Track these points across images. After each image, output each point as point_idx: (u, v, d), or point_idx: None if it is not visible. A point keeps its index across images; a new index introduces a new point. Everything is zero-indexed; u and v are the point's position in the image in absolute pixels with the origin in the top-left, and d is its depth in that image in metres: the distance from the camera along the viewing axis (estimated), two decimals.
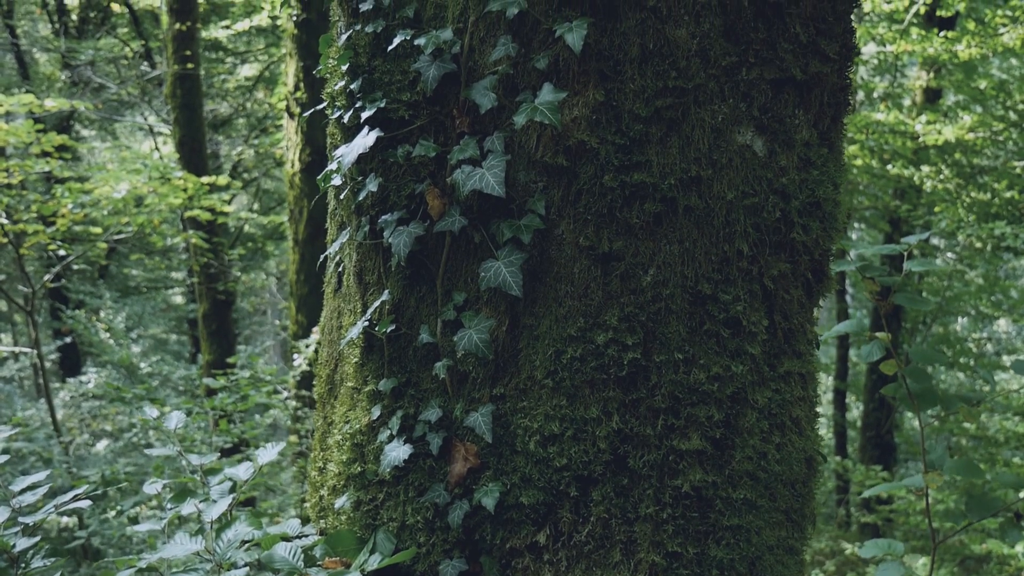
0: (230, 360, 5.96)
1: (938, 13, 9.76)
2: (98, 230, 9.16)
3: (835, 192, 1.79)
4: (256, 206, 14.37)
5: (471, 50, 1.62)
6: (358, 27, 1.70)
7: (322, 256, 1.92)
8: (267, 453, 2.22)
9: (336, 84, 1.76)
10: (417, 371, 1.76)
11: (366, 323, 1.75)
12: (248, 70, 14.26)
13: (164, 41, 10.41)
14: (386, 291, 1.74)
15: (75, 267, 12.13)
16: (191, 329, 13.16)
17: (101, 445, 10.01)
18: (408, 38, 1.62)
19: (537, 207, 1.61)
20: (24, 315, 9.55)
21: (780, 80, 1.67)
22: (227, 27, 11.99)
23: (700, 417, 1.67)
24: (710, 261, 1.66)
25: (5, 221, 8.13)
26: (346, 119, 1.71)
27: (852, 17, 1.73)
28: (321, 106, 1.88)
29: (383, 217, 1.71)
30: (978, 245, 10.96)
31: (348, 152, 1.64)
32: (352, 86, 1.69)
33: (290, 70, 8.18)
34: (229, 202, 9.72)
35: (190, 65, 9.75)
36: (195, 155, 10.17)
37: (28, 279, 8.90)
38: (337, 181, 1.74)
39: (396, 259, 1.69)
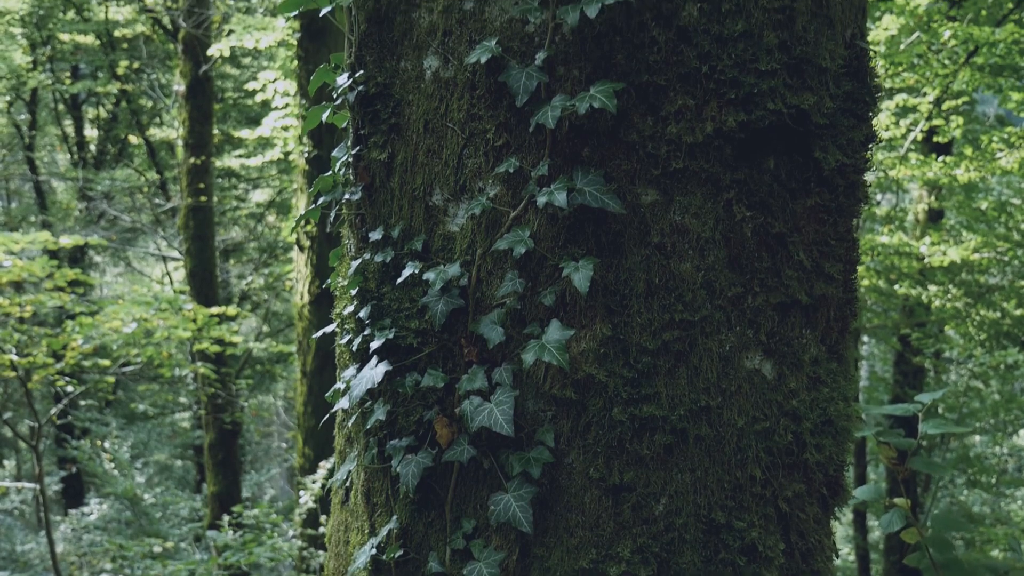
0: (235, 509, 5.86)
1: (935, 139, 9.97)
2: (107, 362, 9.18)
3: (847, 407, 1.78)
4: (265, 328, 14.44)
5: (479, 282, 1.64)
6: (367, 256, 1.73)
7: (329, 481, 1.89)
8: None
9: (345, 308, 1.78)
10: None
11: (374, 550, 1.72)
12: (260, 195, 14.58)
13: (179, 174, 10.68)
14: (394, 517, 1.71)
15: (82, 402, 12.12)
16: (196, 455, 13.02)
17: None
18: (417, 271, 1.64)
19: (546, 438, 1.60)
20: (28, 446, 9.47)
21: (786, 304, 1.67)
22: (240, 157, 12.31)
23: None
24: (723, 489, 1.63)
25: (15, 357, 8.17)
26: (355, 346, 1.72)
27: (855, 243, 1.75)
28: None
29: (391, 442, 1.70)
30: (992, 363, 10.88)
31: (357, 384, 1.64)
32: (361, 313, 1.71)
33: (301, 204, 8.35)
34: (238, 331, 9.76)
35: (203, 198, 9.97)
36: (205, 285, 10.29)
37: (35, 413, 8.86)
38: (345, 404, 1.73)
39: (404, 488, 1.67)
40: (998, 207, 10.58)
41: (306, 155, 7.98)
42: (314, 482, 7.18)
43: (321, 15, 1.77)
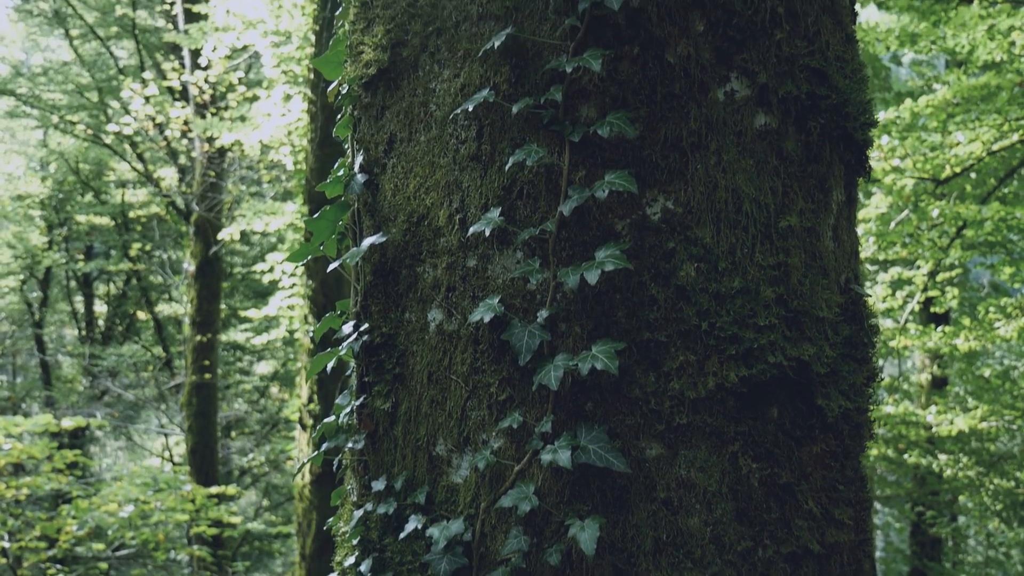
0: None
1: (932, 309, 10.07)
2: (101, 546, 8.93)
3: None
4: (265, 502, 14.11)
5: (483, 536, 1.61)
6: (369, 506, 1.70)
7: None
8: None
9: (347, 558, 1.74)
10: None
11: None
12: (264, 367, 14.61)
13: (185, 350, 10.76)
14: None
15: None
16: None
17: None
18: (420, 527, 1.61)
19: None
20: None
21: (798, 554, 1.63)
22: (246, 331, 12.43)
23: None
24: None
25: (7, 544, 7.96)
26: None
27: (864, 482, 1.73)
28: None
29: None
30: (1011, 534, 10.55)
31: None
32: (362, 566, 1.67)
33: (305, 383, 8.36)
34: (236, 511, 9.53)
35: (207, 375, 9.99)
36: (206, 462, 10.16)
37: None
38: None
39: None
40: (1001, 375, 10.55)
41: (311, 335, 8.06)
42: None
43: (329, 270, 1.82)
